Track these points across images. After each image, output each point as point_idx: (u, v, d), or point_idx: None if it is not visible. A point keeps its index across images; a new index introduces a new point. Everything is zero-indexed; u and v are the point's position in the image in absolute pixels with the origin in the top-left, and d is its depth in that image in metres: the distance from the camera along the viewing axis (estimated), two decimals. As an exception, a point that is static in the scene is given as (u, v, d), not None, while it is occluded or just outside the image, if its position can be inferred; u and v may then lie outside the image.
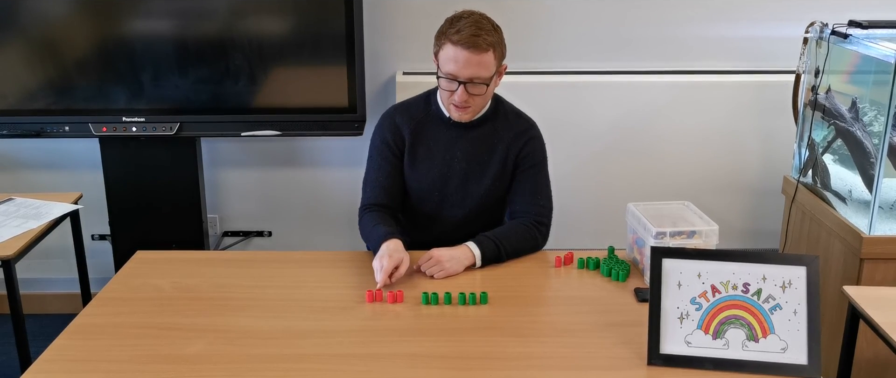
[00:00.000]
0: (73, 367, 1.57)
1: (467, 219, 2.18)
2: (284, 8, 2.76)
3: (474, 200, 2.16)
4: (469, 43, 1.93)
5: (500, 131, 2.14)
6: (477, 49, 1.94)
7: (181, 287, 1.92)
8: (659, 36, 3.03)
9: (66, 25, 2.75)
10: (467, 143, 2.13)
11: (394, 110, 2.18)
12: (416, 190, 2.18)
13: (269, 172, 3.21)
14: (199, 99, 2.82)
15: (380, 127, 2.17)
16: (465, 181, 2.14)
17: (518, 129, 2.15)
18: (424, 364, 1.58)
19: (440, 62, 2.00)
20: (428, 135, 2.14)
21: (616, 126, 3.04)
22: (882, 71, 2.26)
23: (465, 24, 1.95)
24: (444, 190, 2.16)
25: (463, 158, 2.13)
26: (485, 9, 2.08)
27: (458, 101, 2.01)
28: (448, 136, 2.13)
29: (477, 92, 2.01)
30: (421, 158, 2.14)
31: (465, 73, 1.96)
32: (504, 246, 2.02)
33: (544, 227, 2.12)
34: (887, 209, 2.35)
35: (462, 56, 1.94)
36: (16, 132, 2.84)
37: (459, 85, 1.98)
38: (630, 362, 1.58)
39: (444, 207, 2.18)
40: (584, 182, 3.09)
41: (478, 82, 1.99)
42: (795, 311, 1.55)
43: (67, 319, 1.76)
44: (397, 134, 2.14)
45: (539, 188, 2.14)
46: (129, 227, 2.99)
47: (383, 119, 2.18)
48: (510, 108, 2.19)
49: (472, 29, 1.94)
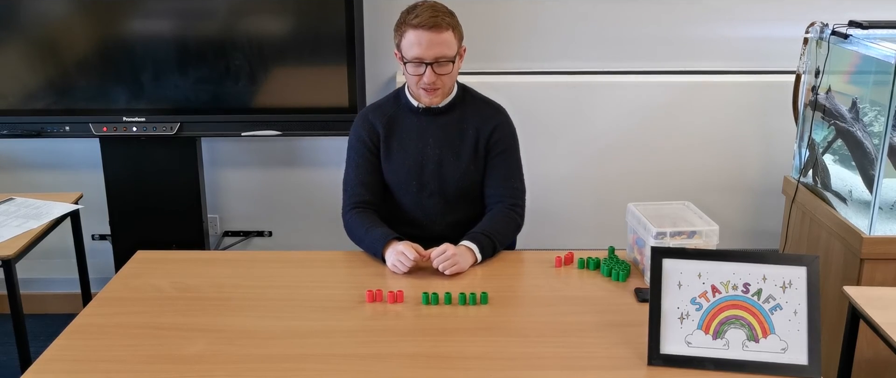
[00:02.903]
0: (74, 368, 1.57)
1: (448, 206, 2.22)
2: (284, 8, 2.76)
3: (452, 185, 2.21)
4: (430, 23, 2.03)
5: (469, 116, 2.21)
6: (438, 28, 2.03)
7: (181, 287, 1.92)
8: (659, 36, 3.03)
9: (66, 25, 2.75)
10: (438, 129, 2.19)
11: (366, 110, 2.27)
12: (394, 182, 2.23)
13: (270, 172, 3.21)
14: (199, 99, 2.82)
15: (355, 127, 2.25)
16: (440, 166, 2.19)
17: (487, 114, 2.22)
18: (424, 364, 1.58)
19: (403, 51, 2.09)
20: (400, 126, 2.21)
21: (616, 126, 3.04)
22: (882, 71, 2.26)
23: (421, 9, 2.06)
24: (420, 178, 2.20)
25: (436, 145, 2.19)
26: (486, 9, 2.09)
27: (427, 83, 2.09)
28: (419, 125, 2.20)
29: (444, 71, 2.08)
30: (395, 150, 2.21)
31: (430, 53, 2.04)
32: (496, 237, 2.09)
33: (520, 209, 2.21)
34: (887, 209, 2.34)
35: (425, 38, 2.03)
36: (16, 132, 2.84)
37: (426, 67, 2.06)
38: (630, 362, 1.58)
39: (422, 196, 2.22)
40: (584, 182, 3.09)
41: (443, 61, 2.07)
42: (795, 311, 1.55)
43: (68, 319, 1.76)
44: (372, 130, 2.21)
45: (511, 172, 2.22)
46: (130, 227, 2.99)
47: (357, 119, 2.26)
48: (478, 95, 2.27)
49: (430, 11, 2.05)
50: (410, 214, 2.25)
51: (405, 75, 2.15)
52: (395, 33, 2.12)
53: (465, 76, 2.95)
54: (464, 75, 2.95)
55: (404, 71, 2.13)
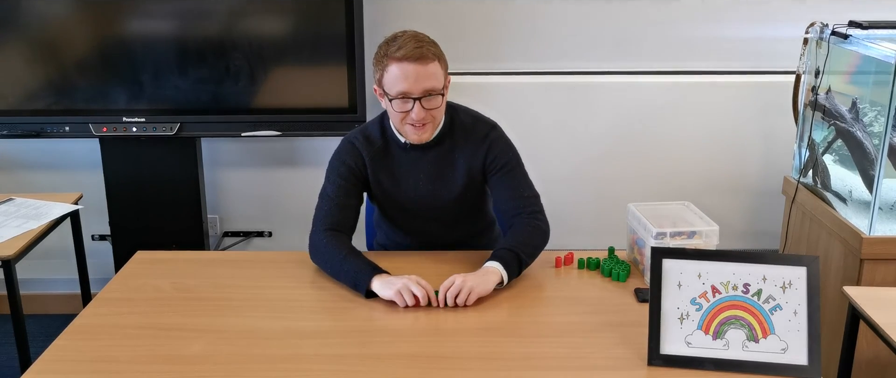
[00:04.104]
0: (73, 368, 1.57)
1: (447, 227, 2.17)
2: (284, 8, 2.76)
3: (449, 213, 2.13)
4: (415, 55, 1.87)
5: (459, 145, 2.06)
6: (424, 60, 1.88)
7: (181, 287, 1.92)
8: (659, 36, 3.03)
9: (66, 26, 2.75)
10: (428, 164, 2.07)
11: (354, 138, 2.09)
12: (389, 210, 2.15)
13: (270, 173, 3.21)
14: (199, 99, 2.82)
15: (341, 153, 2.09)
16: (434, 198, 2.10)
17: (476, 138, 2.06)
18: (424, 364, 1.58)
19: (387, 86, 1.92)
20: (388, 163, 2.08)
21: (616, 126, 3.04)
22: (882, 71, 2.26)
23: (403, 40, 1.89)
24: (416, 209, 2.12)
25: (427, 180, 2.08)
26: (486, 10, 2.07)
27: (417, 120, 1.92)
28: (408, 160, 2.07)
29: (433, 105, 1.92)
30: (386, 186, 2.09)
31: (418, 87, 1.88)
32: (523, 250, 1.94)
33: (540, 214, 2.06)
34: (887, 210, 2.35)
35: (411, 70, 1.87)
36: (16, 132, 2.84)
37: (414, 102, 1.90)
38: (630, 362, 1.58)
39: (419, 222, 2.16)
40: (584, 182, 3.09)
41: (433, 94, 1.91)
42: (795, 311, 1.55)
43: (67, 320, 1.76)
44: (360, 161, 2.07)
45: (517, 183, 2.07)
46: (130, 228, 2.99)
47: (345, 145, 2.10)
48: (465, 115, 2.10)
49: (414, 42, 1.89)
50: (411, 230, 2.20)
51: (389, 112, 1.98)
52: (375, 68, 1.95)
53: (466, 76, 2.96)
54: (464, 75, 2.96)
55: (388, 107, 1.96)
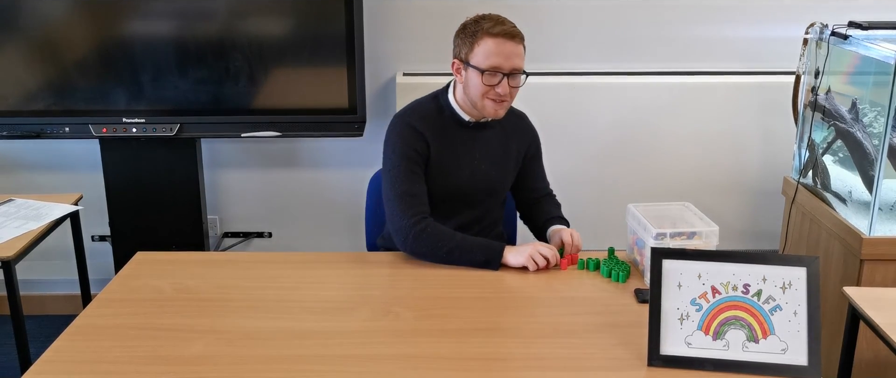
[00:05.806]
0: (73, 369, 1.57)
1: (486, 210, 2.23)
2: (284, 9, 2.76)
3: (495, 197, 2.22)
4: (511, 33, 1.98)
5: (506, 129, 2.19)
6: (517, 39, 1.99)
7: (181, 288, 1.92)
8: (659, 36, 3.03)
9: (66, 26, 2.75)
10: (484, 144, 2.15)
11: (410, 118, 2.09)
12: (440, 196, 2.13)
13: (270, 173, 3.21)
14: (199, 100, 2.82)
15: (402, 136, 2.07)
16: (487, 178, 2.17)
17: (520, 125, 2.24)
18: (424, 365, 1.58)
19: (477, 59, 1.98)
20: (449, 140, 2.11)
21: (616, 127, 3.04)
22: (882, 72, 2.26)
23: (497, 18, 2.00)
24: (470, 191, 2.15)
25: (483, 159, 2.15)
26: (486, 10, 2.08)
27: (502, 94, 2.01)
28: (466, 139, 2.13)
29: (517, 83, 2.03)
30: (448, 165, 2.11)
31: (509, 63, 1.98)
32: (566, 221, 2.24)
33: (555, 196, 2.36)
34: (887, 210, 2.35)
35: (507, 47, 1.97)
36: (16, 133, 2.84)
37: (503, 77, 1.99)
38: (630, 363, 1.58)
39: (466, 208, 2.17)
40: (584, 182, 3.09)
41: (518, 73, 2.01)
42: (795, 312, 1.55)
43: (67, 320, 1.76)
44: (422, 142, 2.07)
45: (543, 169, 2.33)
46: (130, 228, 2.99)
47: (403, 128, 2.08)
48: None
49: (508, 22, 2.00)
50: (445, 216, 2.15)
51: (469, 85, 2.02)
52: (464, 40, 2.01)
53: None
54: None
55: (470, 80, 2.01)
